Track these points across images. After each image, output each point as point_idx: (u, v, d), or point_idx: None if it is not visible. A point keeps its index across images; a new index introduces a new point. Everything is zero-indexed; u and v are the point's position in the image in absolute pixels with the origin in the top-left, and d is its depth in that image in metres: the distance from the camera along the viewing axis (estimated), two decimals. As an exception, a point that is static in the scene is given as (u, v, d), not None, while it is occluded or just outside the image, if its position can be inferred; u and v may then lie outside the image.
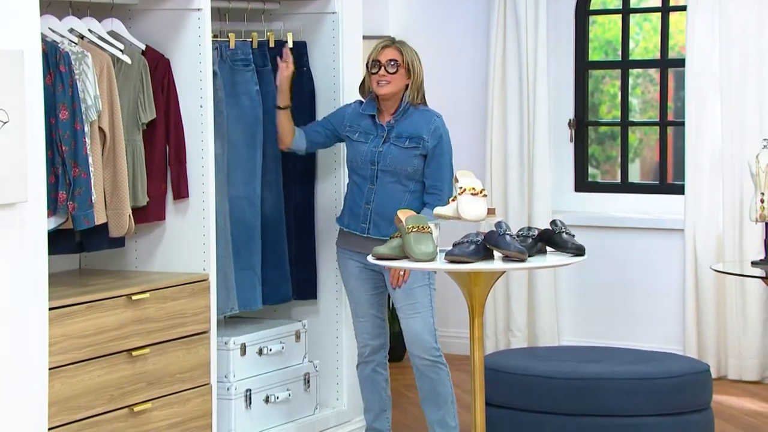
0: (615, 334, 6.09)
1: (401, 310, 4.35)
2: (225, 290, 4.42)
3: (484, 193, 3.77)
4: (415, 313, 4.32)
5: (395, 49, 4.33)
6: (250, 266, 4.50)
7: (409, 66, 4.33)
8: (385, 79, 4.28)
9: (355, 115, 4.40)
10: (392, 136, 4.31)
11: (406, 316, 4.34)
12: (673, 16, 6.18)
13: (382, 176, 4.30)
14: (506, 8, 6.21)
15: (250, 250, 4.51)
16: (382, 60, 4.30)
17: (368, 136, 4.34)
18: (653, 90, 6.43)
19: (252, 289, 4.52)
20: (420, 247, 3.64)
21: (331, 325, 4.82)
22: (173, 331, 4.12)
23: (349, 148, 4.39)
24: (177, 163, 4.27)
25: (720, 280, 5.84)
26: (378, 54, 4.31)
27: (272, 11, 4.81)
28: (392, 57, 4.31)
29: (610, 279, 6.14)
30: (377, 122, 4.34)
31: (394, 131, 4.32)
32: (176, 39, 4.26)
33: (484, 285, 3.68)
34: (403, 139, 4.30)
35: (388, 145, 4.30)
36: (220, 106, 4.43)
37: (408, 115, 4.33)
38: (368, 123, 4.36)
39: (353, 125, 4.39)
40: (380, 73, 4.29)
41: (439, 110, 6.62)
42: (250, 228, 4.51)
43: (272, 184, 4.62)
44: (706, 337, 5.91)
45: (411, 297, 4.32)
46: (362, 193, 4.32)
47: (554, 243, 3.74)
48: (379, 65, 4.30)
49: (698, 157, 5.91)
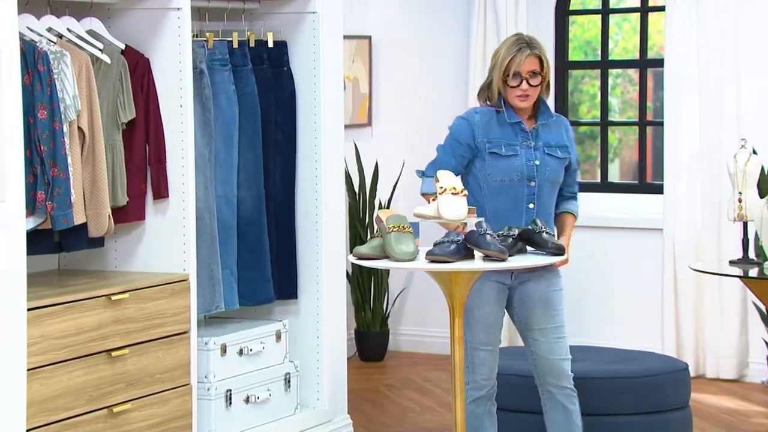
0: (594, 333, 6.09)
1: (543, 333, 3.85)
2: (210, 288, 4.40)
3: (464, 192, 3.76)
4: (558, 337, 3.84)
5: (535, 57, 3.79)
6: (227, 266, 4.49)
7: (547, 69, 3.82)
8: (528, 93, 3.79)
9: (487, 125, 3.85)
10: (540, 145, 3.84)
11: (549, 340, 3.84)
12: (651, 17, 6.19)
13: (541, 193, 3.83)
14: (486, 8, 6.20)
15: (226, 249, 4.49)
16: (524, 72, 3.78)
17: (515, 147, 3.82)
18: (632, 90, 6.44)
19: (229, 289, 4.50)
20: (401, 246, 3.63)
21: (311, 325, 4.80)
22: (153, 331, 4.10)
23: (491, 165, 3.82)
24: (157, 163, 4.25)
25: (698, 279, 5.85)
26: (519, 65, 3.77)
27: (252, 11, 4.79)
28: (534, 67, 3.79)
29: (590, 278, 6.15)
30: (522, 129, 3.84)
31: (539, 139, 3.85)
32: (156, 38, 4.23)
33: (465, 285, 3.67)
34: (554, 148, 3.85)
35: (543, 156, 3.83)
36: (208, 104, 4.42)
37: (547, 120, 3.88)
38: (509, 132, 3.84)
39: (492, 138, 3.83)
40: (522, 87, 3.78)
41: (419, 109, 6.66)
42: (227, 228, 4.50)
43: (253, 184, 4.61)
44: (685, 335, 5.92)
45: (556, 319, 3.85)
46: (519, 213, 3.81)
47: (534, 242, 3.74)
48: (521, 78, 3.79)
49: (677, 157, 5.92)
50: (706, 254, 5.82)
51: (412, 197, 6.29)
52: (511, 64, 3.80)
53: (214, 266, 4.41)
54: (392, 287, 6.50)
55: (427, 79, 6.49)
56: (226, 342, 4.49)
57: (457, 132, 3.91)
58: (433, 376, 6.02)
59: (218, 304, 4.42)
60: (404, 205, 6.31)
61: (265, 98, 4.69)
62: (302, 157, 4.79)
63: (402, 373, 6.10)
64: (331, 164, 4.82)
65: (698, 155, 5.88)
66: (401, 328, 6.58)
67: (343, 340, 4.92)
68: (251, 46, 4.64)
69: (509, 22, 6.15)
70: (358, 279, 6.27)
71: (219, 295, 4.43)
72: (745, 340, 5.87)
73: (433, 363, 6.25)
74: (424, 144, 6.47)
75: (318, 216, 4.78)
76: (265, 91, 4.69)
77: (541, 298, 3.87)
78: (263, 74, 4.68)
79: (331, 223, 4.82)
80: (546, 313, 3.87)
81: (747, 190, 4.49)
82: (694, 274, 5.76)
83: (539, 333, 3.87)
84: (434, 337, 6.44)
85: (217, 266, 4.42)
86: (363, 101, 6.48)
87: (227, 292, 4.50)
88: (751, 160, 4.52)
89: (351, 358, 6.12)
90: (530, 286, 3.89)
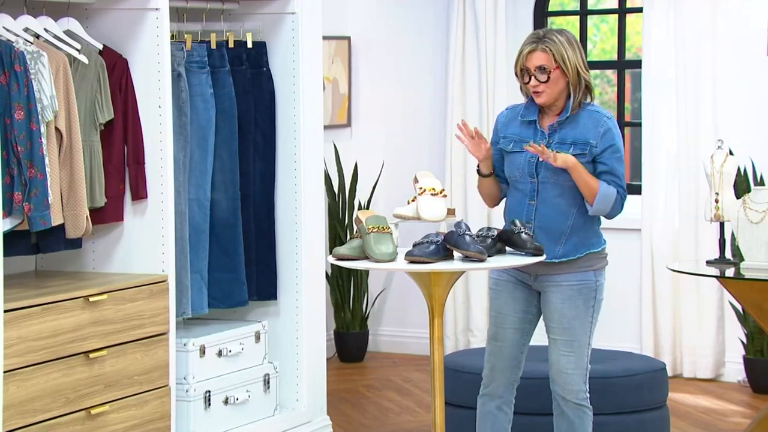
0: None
1: (554, 343, 3.81)
2: (177, 294, 4.38)
3: (443, 193, 3.76)
4: (569, 351, 3.79)
5: (541, 52, 3.72)
6: (197, 270, 4.47)
7: (562, 65, 3.71)
8: (538, 89, 3.73)
9: (509, 122, 3.84)
10: (554, 143, 3.76)
11: (559, 352, 3.80)
12: (629, 18, 6.21)
13: (544, 190, 3.76)
14: (465, 9, 6.20)
15: (197, 253, 4.47)
16: (531, 68, 3.73)
17: (524, 144, 3.76)
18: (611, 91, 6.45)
19: (199, 294, 4.48)
20: (380, 247, 3.62)
21: (290, 326, 4.79)
22: (131, 332, 4.07)
23: (506, 161, 3.81)
24: (135, 164, 4.23)
25: (676, 279, 5.87)
26: (525, 61, 3.73)
27: (231, 11, 4.77)
28: (539, 63, 3.71)
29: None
30: (537, 128, 3.79)
31: (556, 136, 3.77)
32: (134, 39, 4.21)
33: (444, 285, 3.66)
34: (566, 146, 3.74)
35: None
36: (184, 108, 4.40)
37: (575, 117, 3.76)
38: (526, 129, 3.80)
39: (507, 135, 3.82)
40: (531, 84, 3.74)
41: (398, 110, 6.65)
42: (199, 231, 4.48)
43: (228, 185, 4.59)
44: (662, 335, 5.94)
45: (569, 332, 3.78)
46: (522, 209, 3.78)
47: (513, 243, 3.73)
48: (529, 75, 3.74)
49: (655, 158, 5.93)
50: (683, 254, 5.84)
51: (392, 198, 6.28)
52: (519, 59, 3.77)
53: (183, 272, 4.39)
54: (372, 288, 6.49)
55: (407, 79, 6.49)
56: (205, 343, 4.47)
57: (493, 131, 3.93)
58: (412, 376, 6.01)
59: (185, 309, 4.40)
60: (384, 205, 6.30)
61: (245, 99, 4.67)
62: (281, 158, 4.78)
63: (381, 373, 6.09)
64: (310, 165, 4.81)
65: (676, 156, 5.90)
66: (381, 328, 6.58)
67: (323, 340, 4.90)
68: (230, 46, 4.62)
69: (488, 23, 6.15)
70: (338, 280, 6.26)
71: (186, 300, 4.41)
72: (722, 340, 5.90)
73: (413, 364, 6.25)
74: (404, 144, 6.49)
75: (297, 217, 4.76)
76: (244, 91, 4.67)
77: (556, 309, 3.80)
78: (242, 75, 4.66)
79: (310, 224, 4.81)
80: (560, 326, 3.79)
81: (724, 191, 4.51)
82: (672, 274, 5.78)
83: (552, 342, 3.83)
84: (414, 337, 6.43)
85: (186, 271, 4.40)
86: (342, 102, 6.47)
87: (195, 297, 4.48)
88: (728, 161, 4.53)
89: (330, 359, 6.10)
90: (549, 296, 3.81)
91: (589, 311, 3.80)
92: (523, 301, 3.85)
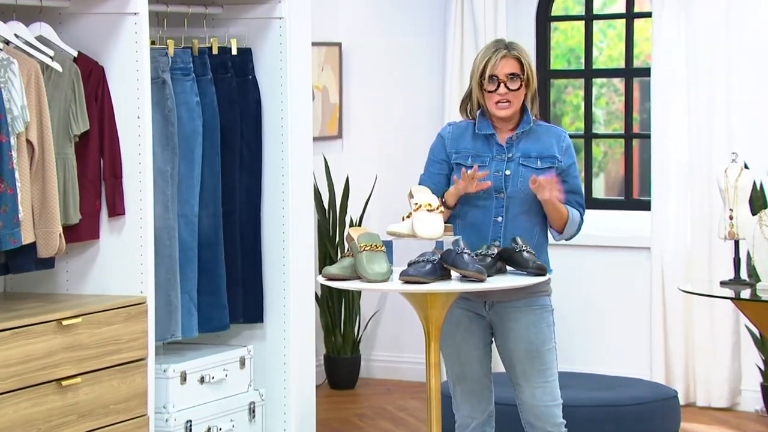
0: (578, 359, 6.10)
1: (524, 376, 3.75)
2: (167, 315, 4.37)
3: (440, 209, 3.76)
4: (544, 382, 3.74)
5: (513, 59, 3.75)
6: (186, 290, 4.47)
7: (530, 74, 3.78)
8: (506, 99, 3.75)
9: (458, 137, 3.84)
10: (517, 156, 3.78)
11: (533, 385, 3.74)
12: (638, 23, 6.24)
13: (512, 206, 3.77)
14: (463, 14, 6.22)
15: (186, 273, 4.48)
16: (501, 75, 3.73)
17: (484, 158, 3.79)
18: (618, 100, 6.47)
19: (188, 316, 4.48)
20: (373, 266, 3.63)
21: (278, 350, 4.79)
22: (107, 358, 4.07)
23: (458, 177, 3.77)
24: (112, 178, 4.24)
25: (688, 301, 5.87)
26: (494, 67, 3.73)
27: (215, 16, 4.79)
28: (512, 70, 3.74)
29: (573, 300, 6.16)
30: (495, 142, 3.80)
31: (517, 150, 3.79)
32: (111, 45, 4.22)
33: (441, 307, 3.67)
34: (533, 159, 3.77)
35: (516, 167, 3.77)
36: (170, 117, 4.41)
37: (532, 131, 3.81)
38: (481, 144, 3.81)
39: (460, 150, 3.82)
40: (500, 91, 3.74)
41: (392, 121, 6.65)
42: (187, 249, 4.48)
43: (210, 202, 4.60)
44: (674, 361, 5.94)
45: (540, 361, 3.75)
46: (487, 227, 3.77)
47: (514, 262, 3.74)
48: (498, 81, 3.75)
49: (665, 171, 5.95)
50: (696, 274, 5.85)
51: (385, 214, 6.29)
52: (487, 66, 3.76)
53: (172, 291, 4.39)
54: (364, 310, 6.49)
55: (401, 88, 6.50)
56: (186, 369, 4.47)
57: (432, 149, 3.93)
58: (408, 405, 6.01)
59: (174, 331, 4.40)
60: (377, 222, 6.31)
61: (229, 109, 4.68)
62: (268, 172, 4.79)
63: (375, 401, 6.09)
64: (298, 179, 4.82)
65: (687, 170, 5.91)
66: (374, 353, 6.57)
67: (312, 366, 4.90)
68: (214, 53, 4.64)
69: (488, 28, 6.17)
70: (328, 301, 6.26)
71: (176, 322, 4.41)
72: (738, 366, 5.90)
73: (408, 391, 6.24)
74: (398, 157, 6.50)
75: (285, 234, 4.77)
76: (229, 101, 4.68)
77: (522, 339, 3.79)
78: (227, 83, 4.68)
79: (298, 242, 4.81)
80: (528, 354, 3.76)
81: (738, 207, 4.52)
82: (684, 296, 5.78)
83: (522, 377, 3.78)
84: (409, 363, 6.42)
85: (176, 291, 4.40)
86: (333, 112, 6.48)
87: (185, 319, 4.48)
88: (743, 175, 4.55)
89: (320, 386, 6.10)
90: (510, 324, 3.79)
91: (552, 336, 3.79)
92: (481, 334, 3.82)
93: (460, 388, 3.84)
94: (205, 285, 4.57)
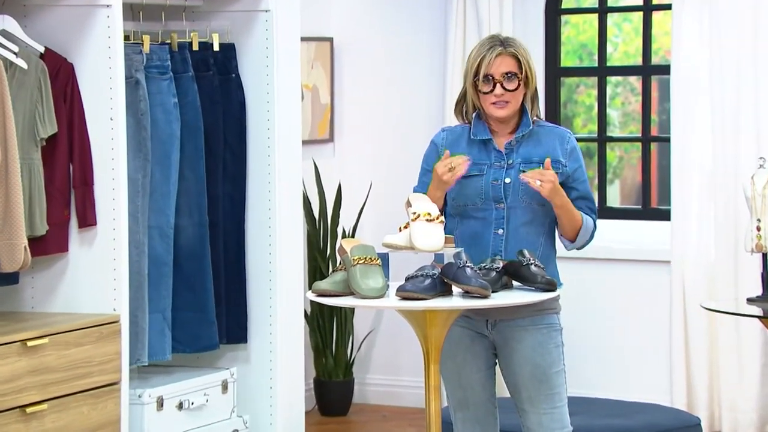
0: (590, 383, 6.09)
1: (531, 401, 3.75)
2: (133, 337, 4.36)
3: (441, 219, 3.75)
4: (552, 408, 3.74)
5: (511, 57, 3.76)
6: (158, 310, 4.46)
7: (528, 72, 3.78)
8: (503, 100, 3.76)
9: (453, 143, 3.84)
10: (518, 162, 3.78)
11: (539, 411, 3.74)
12: (656, 16, 6.24)
13: (514, 216, 3.77)
14: (466, 6, 6.23)
15: (159, 291, 4.47)
16: (497, 75, 3.74)
17: (481, 166, 3.78)
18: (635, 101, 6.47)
19: (160, 337, 4.48)
20: (367, 281, 3.62)
21: (263, 373, 4.79)
22: (76, 383, 4.07)
23: (455, 188, 3.78)
24: (82, 186, 4.24)
25: (712, 319, 5.86)
26: (489, 66, 3.74)
27: (195, 8, 4.80)
28: (509, 69, 3.75)
29: (585, 318, 6.15)
30: (493, 148, 3.81)
31: (517, 156, 3.80)
32: (81, 40, 4.23)
33: (442, 326, 3.66)
34: (535, 165, 3.76)
35: (516, 174, 3.76)
36: (143, 120, 4.41)
37: (533, 133, 3.81)
38: (477, 150, 3.81)
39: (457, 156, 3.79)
40: (496, 92, 3.75)
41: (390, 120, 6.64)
42: (161, 264, 4.48)
43: (194, 210, 4.59)
44: (697, 385, 5.93)
45: (548, 385, 3.74)
46: (487, 240, 3.77)
47: (522, 277, 3.73)
48: (493, 81, 3.75)
49: (686, 179, 5.94)
50: (720, 291, 5.84)
51: (381, 224, 6.28)
52: (481, 65, 3.76)
53: (140, 312, 4.40)
54: (358, 329, 6.48)
55: (398, 87, 6.50)
56: (163, 394, 4.47)
57: (425, 158, 3.93)
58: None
59: (140, 356, 4.39)
60: (371, 233, 6.30)
61: (211, 110, 4.69)
62: (253, 179, 4.79)
63: (369, 429, 6.08)
64: (286, 187, 4.82)
65: (711, 176, 5.91)
66: (368, 376, 6.56)
67: (301, 391, 4.91)
68: (194, 49, 4.65)
69: (492, 22, 6.17)
70: (318, 320, 6.25)
71: (142, 345, 4.41)
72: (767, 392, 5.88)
73: (406, 418, 6.24)
74: (395, 163, 6.49)
75: (272, 247, 4.77)
76: (211, 101, 4.69)
77: (528, 361, 3.77)
78: (208, 82, 4.69)
79: (286, 255, 4.81)
80: (534, 378, 3.75)
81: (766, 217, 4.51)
82: (707, 314, 5.77)
83: (528, 403, 3.76)
84: (407, 387, 6.42)
85: (143, 312, 4.40)
86: (324, 113, 6.48)
87: (155, 342, 4.48)
88: (772, 181, 4.54)
89: (309, 413, 6.09)
90: (514, 345, 3.78)
91: (560, 357, 3.78)
92: (484, 355, 3.81)
93: (462, 415, 3.83)
94: (190, 301, 4.57)
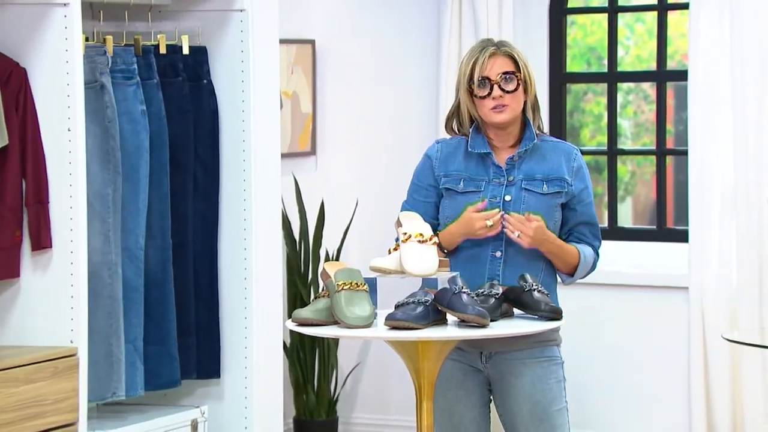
0: (599, 421, 6.09)
1: None
2: (107, 368, 4.36)
3: (434, 240, 3.76)
4: None
5: (505, 57, 3.83)
6: (130, 339, 4.46)
7: (526, 75, 3.83)
8: (502, 103, 3.80)
9: (448, 157, 3.88)
10: (519, 179, 3.82)
11: None
12: (672, 17, 6.26)
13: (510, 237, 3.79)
14: (461, 6, 6.25)
15: (130, 319, 4.47)
16: (492, 76, 3.80)
17: (479, 183, 3.83)
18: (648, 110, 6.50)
19: (132, 370, 4.47)
20: (353, 309, 3.63)
21: (237, 411, 4.80)
22: (28, 424, 4.06)
23: (450, 205, 3.85)
24: (36, 204, 4.25)
25: (735, 351, 5.87)
26: (484, 68, 3.80)
27: (162, 8, 4.82)
28: (506, 69, 3.80)
29: (593, 350, 6.15)
30: (492, 162, 3.85)
31: (519, 172, 3.83)
32: (35, 42, 4.24)
33: (435, 358, 3.67)
34: (538, 182, 3.82)
35: (518, 192, 3.81)
36: (111, 129, 4.42)
37: (536, 148, 3.85)
38: (475, 165, 3.85)
39: (450, 173, 3.86)
40: (494, 94, 3.79)
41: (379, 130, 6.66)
42: (131, 289, 4.48)
43: (156, 232, 4.60)
44: (719, 422, 5.94)
45: (549, 424, 3.78)
46: (483, 263, 3.81)
47: (523, 304, 3.74)
48: (490, 84, 3.81)
49: (705, 196, 5.96)
50: (743, 320, 5.85)
51: (368, 246, 6.28)
52: (475, 67, 3.81)
53: (114, 339, 4.39)
54: (342, 362, 6.48)
55: (387, 95, 6.51)
56: (126, 436, 4.47)
57: (417, 173, 3.96)
58: (395, 478, 6.00)
59: (116, 389, 4.39)
60: (357, 256, 6.30)
61: (180, 120, 4.70)
62: (227, 195, 4.80)
63: (355, 474, 6.07)
64: (263, 205, 4.83)
65: (732, 193, 5.93)
66: (354, 415, 6.56)
67: (279, 431, 4.90)
68: (161, 53, 4.65)
69: (491, 22, 6.19)
70: (299, 352, 6.25)
71: (118, 377, 4.41)
72: (795, 430, 5.90)
73: (396, 461, 6.23)
74: (383, 179, 6.50)
75: (247, 271, 4.79)
76: (180, 110, 4.71)
77: (527, 398, 3.80)
78: (177, 89, 4.70)
79: (263, 280, 4.82)
80: (534, 416, 3.77)
81: (794, 237, 4.53)
82: (730, 346, 5.78)
83: None
84: (396, 427, 6.42)
85: (118, 340, 4.41)
86: (305, 123, 6.49)
87: (130, 375, 4.47)
88: (799, 198, 4.56)
89: (289, 456, 6.08)
90: (512, 380, 3.80)
91: (562, 394, 3.82)
92: (478, 391, 3.84)
93: None
94: (151, 332, 4.57)
